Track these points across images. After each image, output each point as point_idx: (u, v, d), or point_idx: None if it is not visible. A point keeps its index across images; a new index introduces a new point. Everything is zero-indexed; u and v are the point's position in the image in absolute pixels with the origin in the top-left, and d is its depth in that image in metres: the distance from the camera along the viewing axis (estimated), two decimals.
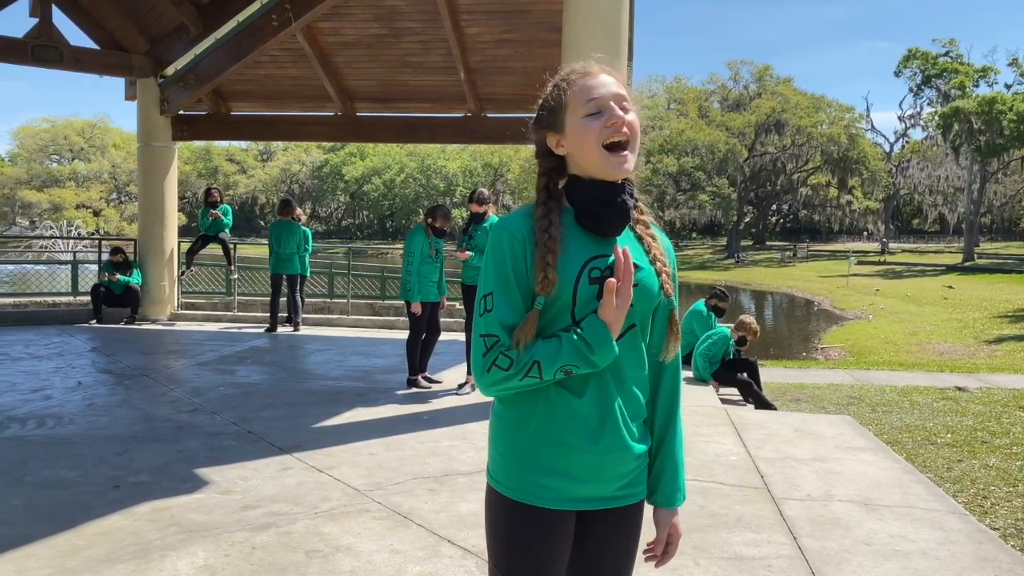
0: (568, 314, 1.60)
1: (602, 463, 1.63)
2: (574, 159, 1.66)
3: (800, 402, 8.90)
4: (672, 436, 1.77)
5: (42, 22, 10.34)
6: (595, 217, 1.63)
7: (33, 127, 75.79)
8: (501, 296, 1.60)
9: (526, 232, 1.61)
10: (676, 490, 1.77)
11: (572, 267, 1.60)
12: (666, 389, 1.77)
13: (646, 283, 1.66)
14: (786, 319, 27.83)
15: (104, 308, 10.86)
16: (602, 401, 1.62)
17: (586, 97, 1.61)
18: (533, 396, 1.62)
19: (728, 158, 53.46)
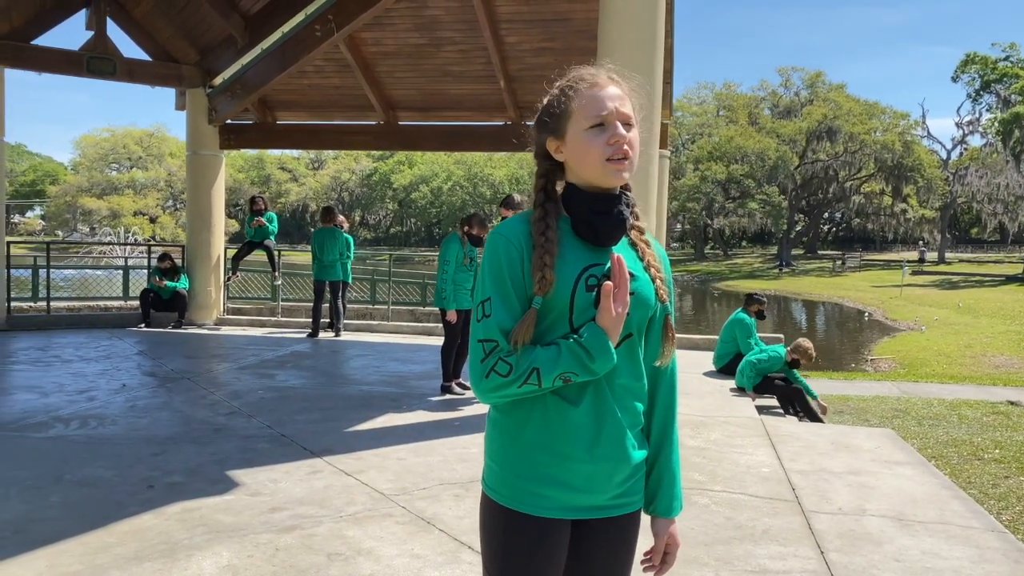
0: (566, 321, 1.60)
1: (597, 472, 1.63)
2: (571, 168, 1.66)
3: (843, 414, 8.72)
4: (669, 446, 1.77)
5: (97, 35, 10.67)
6: (592, 228, 1.63)
7: (94, 136, 78.22)
8: (499, 302, 1.60)
9: (523, 238, 1.62)
10: (673, 499, 1.76)
11: (569, 274, 1.60)
12: (662, 399, 1.76)
13: (642, 292, 1.66)
14: (835, 330, 27.27)
15: (153, 312, 11.14)
16: (598, 411, 1.62)
17: (592, 110, 1.61)
18: (529, 404, 1.62)
19: (778, 165, 52.68)
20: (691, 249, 65.89)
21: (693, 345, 10.54)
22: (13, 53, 10.18)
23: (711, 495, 4.46)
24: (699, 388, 7.72)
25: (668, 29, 8.78)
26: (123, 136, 77.31)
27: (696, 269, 54.41)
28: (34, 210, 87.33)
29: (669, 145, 45.99)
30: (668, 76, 9.56)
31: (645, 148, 6.32)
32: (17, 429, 5.46)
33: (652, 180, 6.48)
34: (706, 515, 4.13)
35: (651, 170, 6.44)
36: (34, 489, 4.25)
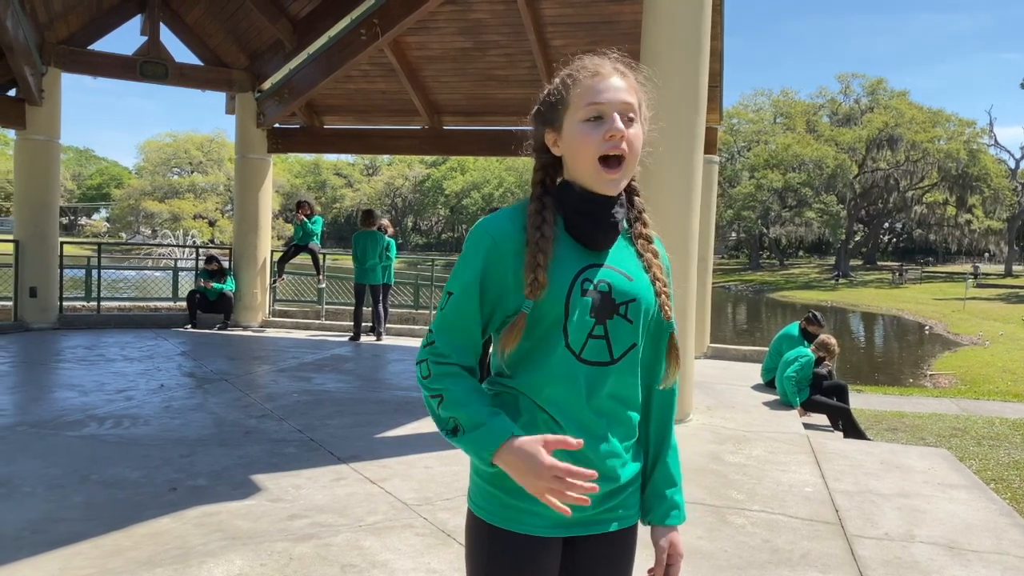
0: (560, 332, 1.47)
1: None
2: (567, 163, 1.53)
3: (897, 432, 8.37)
4: (666, 453, 1.66)
5: (150, 40, 10.87)
6: (580, 229, 1.51)
7: (157, 142, 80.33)
8: (454, 305, 1.50)
9: (514, 235, 1.48)
10: (673, 508, 1.64)
11: (564, 278, 1.48)
12: (658, 406, 1.66)
13: (643, 297, 1.54)
14: (894, 343, 26.46)
15: (199, 314, 11.27)
16: (588, 428, 1.50)
17: (588, 100, 1.47)
18: (519, 417, 1.51)
19: (837, 174, 51.51)
20: (746, 258, 64.81)
21: (742, 356, 10.25)
22: (69, 58, 10.41)
23: (748, 515, 4.24)
24: (745, 402, 7.46)
25: (716, 31, 8.56)
26: (185, 141, 79.24)
27: (751, 279, 53.48)
28: (100, 212, 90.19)
29: (723, 152, 45.13)
30: (717, 79, 9.32)
31: (687, 152, 6.15)
32: (53, 427, 5.50)
33: (695, 186, 6.29)
34: (741, 536, 3.93)
35: (694, 176, 6.25)
36: (59, 488, 4.24)
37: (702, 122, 6.32)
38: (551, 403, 1.48)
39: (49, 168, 10.45)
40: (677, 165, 6.19)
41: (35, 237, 10.27)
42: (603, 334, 1.49)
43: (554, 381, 1.48)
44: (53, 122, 10.35)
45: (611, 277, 1.51)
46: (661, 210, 6.22)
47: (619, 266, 1.53)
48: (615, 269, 1.52)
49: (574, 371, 1.48)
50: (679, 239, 6.25)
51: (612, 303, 1.50)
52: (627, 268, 1.54)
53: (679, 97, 6.13)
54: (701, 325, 10.15)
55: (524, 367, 1.50)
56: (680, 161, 6.18)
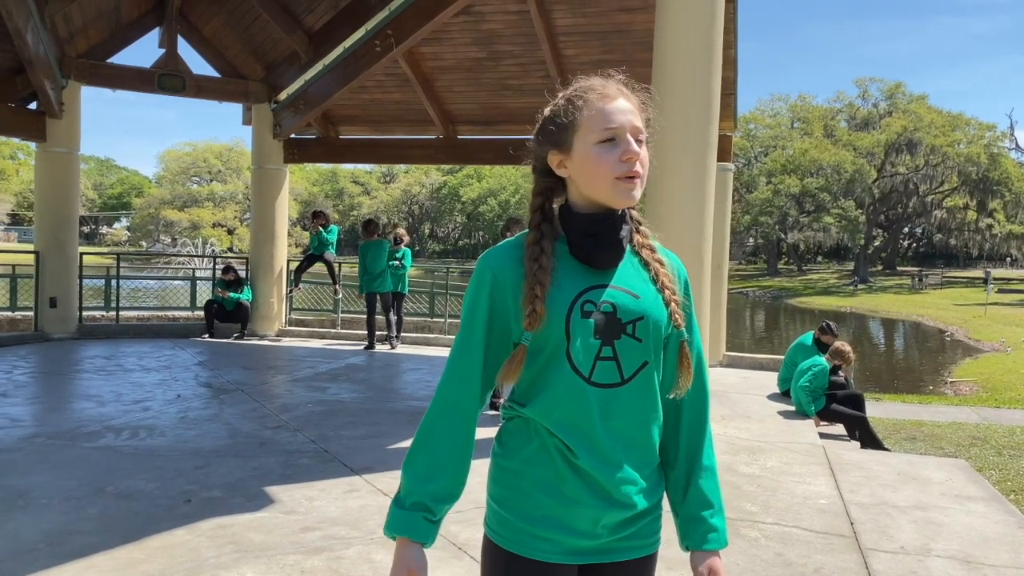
0: (563, 354, 1.48)
1: (603, 517, 1.50)
2: (576, 184, 1.53)
3: (915, 441, 8.28)
4: (699, 474, 1.61)
5: (168, 53, 10.99)
6: (586, 251, 1.51)
7: (177, 151, 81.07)
8: (462, 336, 1.54)
9: (514, 267, 1.50)
10: (711, 531, 1.59)
11: (563, 301, 1.48)
12: (688, 424, 1.62)
13: (652, 314, 1.52)
14: (914, 350, 26.20)
15: (216, 323, 11.35)
16: (601, 454, 1.49)
17: (603, 124, 1.48)
18: (530, 443, 1.52)
19: (855, 179, 51.10)
20: (764, 264, 64.45)
21: (758, 365, 10.18)
22: (89, 71, 10.55)
23: (762, 528, 4.21)
24: (760, 411, 7.41)
25: (730, 40, 8.54)
26: (204, 150, 79.91)
27: (769, 284, 53.15)
28: (120, 221, 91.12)
29: (740, 158, 44.98)
30: (731, 87, 9.29)
31: (700, 160, 6.13)
32: (70, 438, 5.56)
33: (708, 193, 6.28)
34: (754, 549, 3.90)
35: (707, 183, 6.23)
36: (74, 500, 4.28)
37: (715, 130, 6.31)
38: (563, 429, 1.48)
39: (69, 180, 10.58)
40: (690, 173, 6.17)
41: (55, 248, 10.39)
42: (612, 355, 1.49)
43: (565, 406, 1.48)
44: (73, 134, 10.47)
45: (615, 297, 1.50)
46: (675, 218, 6.23)
47: (624, 285, 1.52)
48: (620, 288, 1.51)
49: (585, 395, 1.47)
50: (693, 247, 6.23)
51: (618, 323, 1.49)
52: (633, 286, 1.53)
53: (691, 105, 6.11)
54: (716, 333, 10.11)
55: (534, 393, 1.51)
56: (693, 169, 6.16)
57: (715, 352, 10.15)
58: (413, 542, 1.47)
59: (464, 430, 1.52)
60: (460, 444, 1.52)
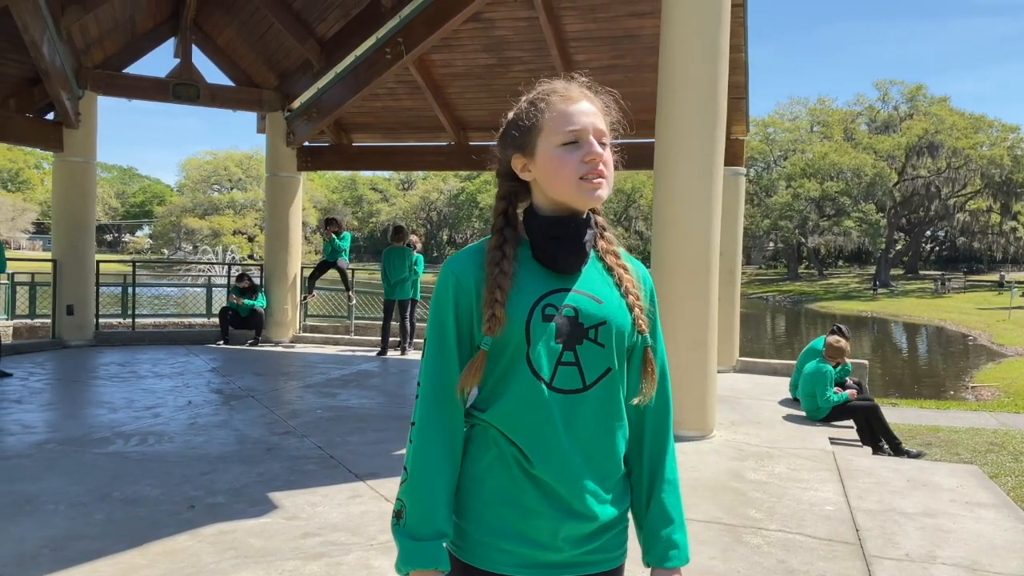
0: (523, 358, 1.45)
1: (562, 528, 1.47)
2: (539, 187, 1.52)
3: (931, 447, 8.18)
4: (661, 489, 1.58)
5: (183, 62, 11.11)
6: (548, 254, 1.49)
7: (198, 159, 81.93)
8: (434, 346, 1.51)
9: (476, 272, 1.49)
10: (671, 548, 1.56)
11: (524, 304, 1.46)
12: (651, 436, 1.59)
13: (615, 319, 1.50)
14: (936, 354, 25.90)
15: (231, 330, 11.44)
16: (561, 463, 1.46)
17: (565, 125, 1.47)
18: (488, 451, 1.49)
19: (875, 182, 50.66)
20: (784, 268, 64.01)
21: (772, 370, 10.11)
22: (105, 81, 10.69)
23: (765, 535, 4.18)
24: (771, 417, 7.35)
25: (739, 43, 8.51)
26: (224, 159, 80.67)
27: (789, 289, 52.77)
28: (143, 229, 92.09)
29: (759, 162, 44.55)
30: (742, 91, 9.25)
31: (707, 164, 6.11)
32: (81, 444, 5.62)
33: (715, 198, 6.26)
34: (756, 556, 3.87)
35: (714, 188, 6.21)
36: (80, 506, 4.33)
37: (722, 134, 6.28)
38: (521, 436, 1.45)
39: (86, 189, 10.72)
40: (697, 177, 6.15)
41: (72, 256, 10.52)
42: (573, 360, 1.46)
43: (524, 412, 1.45)
44: (89, 144, 10.61)
45: (578, 301, 1.48)
46: (682, 223, 6.21)
47: (588, 289, 1.50)
48: (583, 293, 1.49)
49: (545, 400, 1.45)
50: (700, 252, 6.21)
51: (580, 328, 1.47)
52: (596, 291, 1.51)
53: (697, 110, 6.10)
54: (729, 338, 10.04)
55: (494, 399, 1.48)
56: (700, 173, 6.14)
57: (728, 358, 10.08)
58: (438, 572, 1.43)
59: (457, 445, 1.50)
60: (456, 460, 1.49)
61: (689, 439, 6.17)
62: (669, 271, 6.32)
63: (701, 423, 6.29)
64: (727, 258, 9.98)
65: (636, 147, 9.83)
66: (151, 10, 10.74)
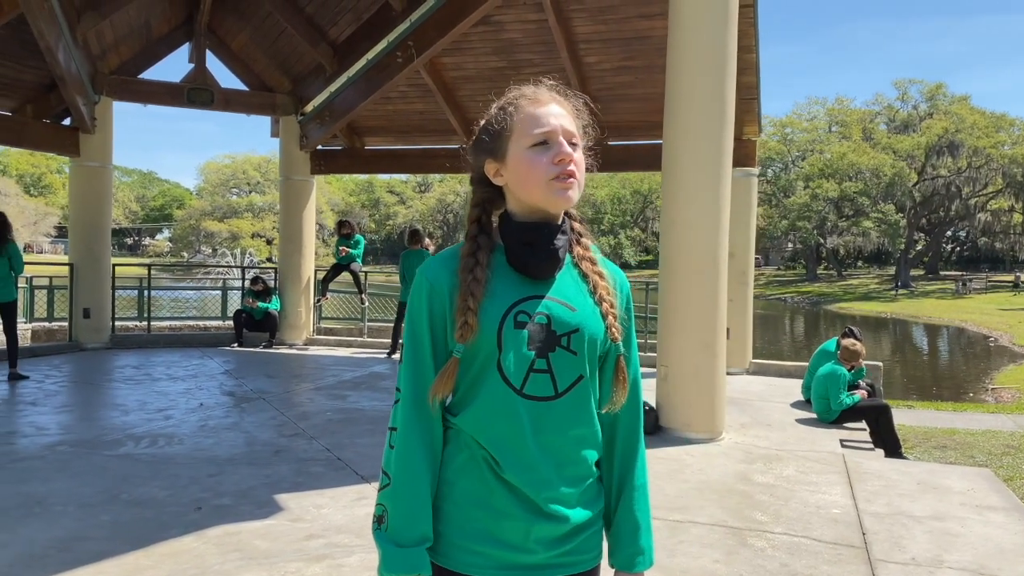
0: (495, 365, 1.45)
1: (533, 530, 1.47)
2: (512, 191, 1.52)
3: (946, 450, 8.11)
4: (631, 494, 1.59)
5: (197, 67, 11.21)
6: (522, 260, 1.49)
7: (216, 163, 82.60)
8: (410, 351, 1.51)
9: (449, 276, 1.49)
10: (638, 553, 1.58)
11: (496, 310, 1.46)
12: (622, 443, 1.60)
13: (588, 327, 1.49)
14: (956, 356, 25.62)
15: (246, 332, 11.52)
16: (530, 467, 1.46)
17: (534, 127, 1.47)
18: (460, 454, 1.50)
19: (895, 182, 50.22)
20: (803, 269, 63.59)
21: (785, 373, 10.04)
22: (120, 87, 10.81)
23: (770, 538, 4.15)
24: (781, 419, 7.31)
25: (748, 44, 8.47)
26: (243, 162, 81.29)
27: (807, 290, 52.42)
28: (163, 233, 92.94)
29: (776, 162, 44.12)
30: (754, 91, 9.21)
31: (714, 165, 6.10)
32: (92, 446, 5.68)
33: (723, 199, 6.24)
34: (759, 560, 3.85)
35: (722, 189, 6.19)
36: (89, 507, 4.37)
37: (730, 135, 6.26)
38: (491, 441, 1.45)
39: (102, 193, 10.83)
40: (704, 178, 6.14)
41: (88, 259, 10.64)
42: (546, 367, 1.46)
43: (494, 418, 1.45)
44: (105, 149, 10.72)
45: (551, 308, 1.48)
46: (690, 225, 6.19)
47: (561, 296, 1.50)
48: (556, 300, 1.49)
49: (515, 407, 1.45)
50: (708, 253, 6.19)
51: (553, 335, 1.47)
52: (570, 298, 1.50)
53: (704, 111, 6.09)
54: (742, 340, 10.00)
55: (465, 404, 1.48)
56: (707, 174, 6.13)
57: (741, 360, 10.04)
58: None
59: (437, 449, 1.50)
60: (435, 465, 1.50)
61: (697, 442, 6.15)
62: (677, 273, 6.31)
63: (710, 425, 6.26)
64: (739, 259, 9.94)
65: (649, 148, 9.83)
66: (166, 15, 10.84)
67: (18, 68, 9.64)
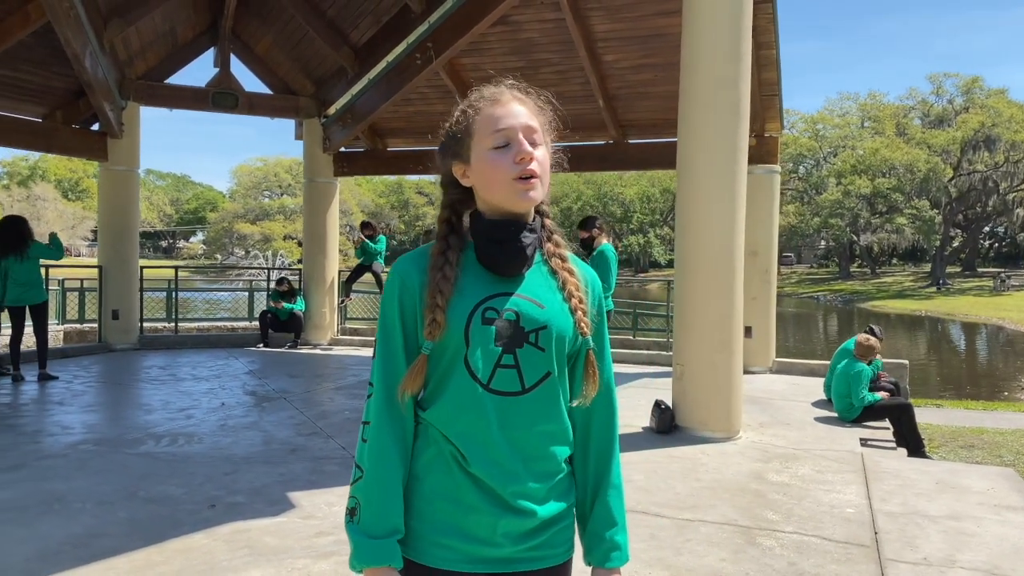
0: (462, 360, 1.47)
1: (500, 524, 1.48)
2: (478, 192, 1.54)
3: (973, 449, 7.98)
4: (607, 492, 1.60)
5: (222, 71, 11.37)
6: (490, 257, 1.51)
7: (249, 166, 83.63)
8: (381, 347, 1.53)
9: (419, 274, 1.51)
10: (613, 549, 1.58)
11: (464, 307, 1.48)
12: (596, 440, 1.60)
13: (555, 323, 1.51)
14: (993, 354, 25.13)
15: (271, 333, 11.66)
16: (496, 462, 1.47)
17: (493, 128, 1.49)
18: (430, 449, 1.51)
19: (929, 178, 49.35)
20: (836, 267, 62.79)
21: (809, 371, 9.94)
22: (147, 92, 11.00)
23: (779, 537, 4.12)
24: (801, 418, 7.23)
25: (769, 40, 8.41)
26: (274, 165, 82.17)
27: (840, 288, 51.74)
28: (196, 235, 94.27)
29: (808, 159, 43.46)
30: (775, 88, 9.13)
31: (728, 163, 6.06)
32: (113, 445, 5.79)
33: (739, 196, 6.19)
34: (766, 559, 3.82)
35: (737, 186, 6.14)
36: (107, 504, 4.46)
37: (745, 133, 6.22)
38: (458, 436, 1.47)
39: (129, 196, 11.03)
40: (718, 176, 6.10)
41: (117, 262, 10.84)
42: (513, 363, 1.48)
43: (460, 412, 1.47)
44: (133, 153, 10.91)
45: (519, 305, 1.49)
46: (705, 223, 6.16)
47: (530, 293, 1.51)
48: (525, 297, 1.51)
49: (481, 402, 1.46)
50: (723, 252, 6.15)
51: (521, 331, 1.48)
52: (539, 295, 1.52)
53: (718, 108, 6.05)
54: (765, 339, 9.92)
55: (434, 399, 1.50)
56: (722, 172, 6.09)
57: (765, 359, 9.96)
58: (391, 569, 1.45)
59: (408, 443, 1.52)
60: (407, 458, 1.52)
61: (714, 440, 6.12)
62: (692, 271, 6.28)
63: (726, 424, 6.22)
64: (763, 257, 9.87)
65: (670, 146, 9.77)
66: (191, 21, 11.01)
67: (47, 75, 9.86)
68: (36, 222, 62.83)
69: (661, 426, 6.33)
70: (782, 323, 31.60)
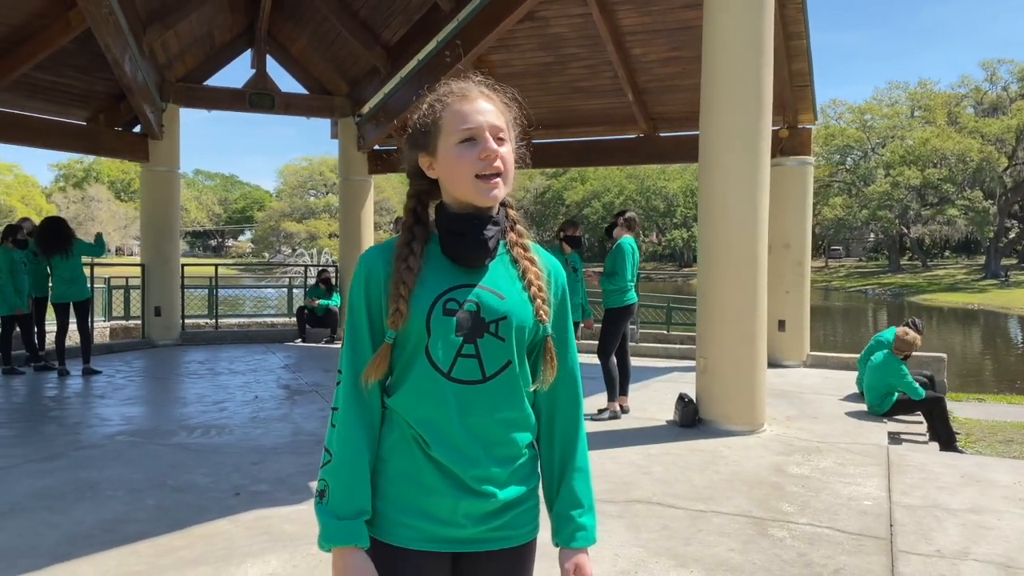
0: (423, 350, 1.53)
1: (460, 506, 1.54)
2: (444, 184, 1.60)
3: (1011, 444, 7.82)
4: (572, 475, 1.65)
5: (258, 73, 11.61)
6: (452, 249, 1.56)
7: (294, 166, 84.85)
8: (349, 334, 1.59)
9: (384, 265, 1.57)
10: (579, 529, 1.63)
11: (427, 298, 1.53)
12: (561, 428, 1.65)
13: (516, 314, 1.55)
14: None
15: (308, 328, 11.89)
16: (456, 447, 1.53)
17: (460, 124, 1.53)
18: (393, 432, 1.58)
19: (983, 168, 48.01)
20: (885, 260, 61.49)
21: (844, 365, 9.80)
22: (186, 94, 11.28)
23: (792, 528, 4.12)
24: (830, 412, 7.16)
25: (798, 30, 8.32)
26: (319, 164, 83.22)
27: (890, 282, 50.66)
28: (244, 234, 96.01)
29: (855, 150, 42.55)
30: (806, 78, 9.02)
31: (750, 155, 6.03)
32: (148, 436, 6.00)
33: (762, 188, 6.16)
34: (776, 549, 3.82)
35: (759, 178, 6.11)
36: (137, 492, 4.64)
37: (767, 123, 6.18)
38: (421, 423, 1.53)
39: (170, 196, 11.33)
40: (741, 169, 6.07)
41: (158, 260, 11.15)
42: (474, 352, 1.53)
43: (422, 400, 1.53)
44: (173, 154, 11.21)
45: (480, 296, 1.54)
46: (728, 216, 6.14)
47: (491, 285, 1.56)
48: (486, 288, 1.55)
49: (442, 390, 1.52)
50: (746, 245, 6.12)
51: (481, 322, 1.53)
52: (500, 286, 1.57)
53: (739, 100, 6.02)
54: (799, 333, 9.81)
55: (398, 386, 1.56)
56: (744, 165, 6.06)
57: (798, 352, 9.86)
58: (358, 548, 1.51)
59: (375, 428, 1.58)
60: (374, 442, 1.58)
61: (737, 434, 6.10)
62: (714, 264, 6.26)
63: (750, 418, 6.20)
64: (795, 250, 9.76)
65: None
66: (228, 24, 11.26)
67: (90, 80, 10.18)
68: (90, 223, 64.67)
69: (684, 420, 6.33)
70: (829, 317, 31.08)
